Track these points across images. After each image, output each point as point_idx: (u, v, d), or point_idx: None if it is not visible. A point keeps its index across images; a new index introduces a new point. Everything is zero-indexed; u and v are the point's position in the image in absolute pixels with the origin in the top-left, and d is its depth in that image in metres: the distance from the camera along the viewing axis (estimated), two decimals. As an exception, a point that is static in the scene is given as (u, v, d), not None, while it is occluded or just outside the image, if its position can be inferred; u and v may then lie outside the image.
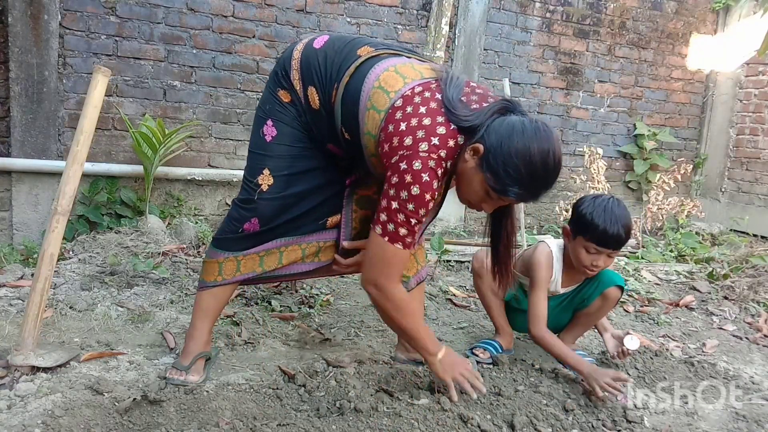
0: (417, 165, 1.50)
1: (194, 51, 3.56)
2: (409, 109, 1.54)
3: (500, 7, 4.35)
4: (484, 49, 4.33)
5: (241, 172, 3.86)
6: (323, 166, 1.82)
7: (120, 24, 3.37)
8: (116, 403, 1.62)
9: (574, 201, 2.14)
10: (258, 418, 1.62)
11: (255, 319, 2.41)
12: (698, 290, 3.29)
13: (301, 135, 1.78)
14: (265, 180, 1.76)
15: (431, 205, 1.56)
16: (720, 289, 3.30)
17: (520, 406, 1.77)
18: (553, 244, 2.15)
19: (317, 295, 2.77)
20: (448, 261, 3.49)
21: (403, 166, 1.51)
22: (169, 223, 3.49)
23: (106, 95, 2.05)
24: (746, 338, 2.69)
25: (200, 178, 3.64)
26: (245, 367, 1.98)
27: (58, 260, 2.03)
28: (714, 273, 3.50)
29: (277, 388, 1.78)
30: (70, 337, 2.10)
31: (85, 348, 2.01)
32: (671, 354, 2.33)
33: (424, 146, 1.50)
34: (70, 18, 3.26)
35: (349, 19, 3.90)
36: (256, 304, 2.60)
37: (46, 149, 3.27)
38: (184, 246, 3.27)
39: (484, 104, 1.58)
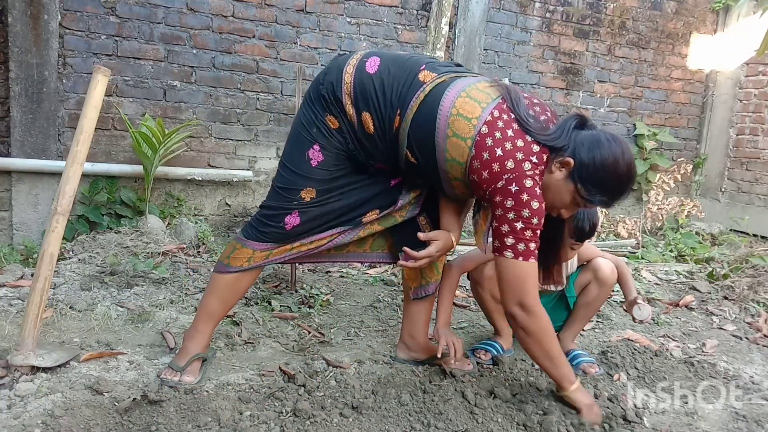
0: (528, 183, 1.59)
1: (194, 51, 3.56)
2: (497, 134, 1.61)
3: (500, 7, 4.35)
4: (484, 49, 4.33)
5: (241, 173, 3.89)
6: (365, 176, 1.85)
7: (120, 24, 3.37)
8: (116, 403, 1.62)
9: None
10: (258, 418, 1.62)
11: (255, 319, 2.41)
12: (698, 290, 3.29)
13: (344, 158, 1.80)
14: (309, 194, 1.78)
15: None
16: (720, 289, 3.29)
17: (521, 406, 1.77)
18: None
19: (317, 295, 2.77)
20: (448, 260, 3.49)
21: (514, 188, 1.58)
22: (169, 223, 3.49)
23: (106, 95, 2.05)
24: (746, 338, 2.69)
25: (200, 178, 3.64)
26: (245, 367, 1.98)
27: (58, 260, 2.03)
28: (714, 273, 3.50)
29: (277, 389, 1.78)
30: (70, 337, 2.10)
31: (85, 348, 2.01)
32: (671, 354, 2.33)
33: (527, 165, 1.59)
34: (70, 18, 3.26)
35: (349, 19, 3.90)
36: (256, 304, 2.60)
37: (46, 149, 3.27)
38: (184, 246, 3.27)
39: (548, 113, 1.69)
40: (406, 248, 1.87)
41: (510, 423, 1.69)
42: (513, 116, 1.63)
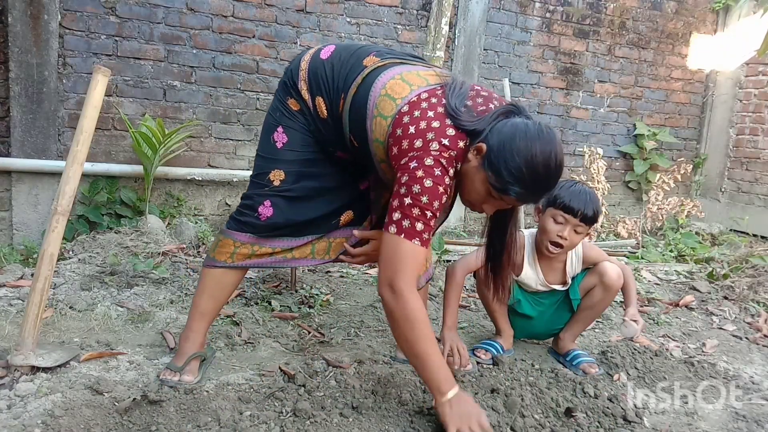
0: (429, 161, 1.52)
1: (194, 51, 3.56)
2: (416, 113, 1.57)
3: (500, 7, 4.35)
4: (484, 49, 4.33)
5: (241, 172, 3.89)
6: (334, 171, 1.85)
7: (120, 24, 3.37)
8: (116, 403, 1.62)
9: None
10: (258, 418, 1.62)
11: (255, 319, 2.41)
12: (698, 290, 3.29)
13: (311, 141, 1.81)
14: (277, 176, 1.79)
15: (444, 198, 1.56)
16: (720, 289, 3.30)
17: (521, 406, 1.77)
18: (527, 233, 2.22)
19: (317, 295, 2.77)
20: (449, 261, 3.49)
21: (413, 164, 1.53)
22: (169, 223, 3.49)
23: (106, 95, 2.05)
24: (746, 338, 2.69)
25: (200, 178, 3.64)
26: (245, 367, 1.98)
27: (58, 260, 2.03)
28: (714, 273, 3.50)
29: (277, 389, 1.78)
30: (70, 337, 2.10)
31: (85, 348, 2.01)
32: (671, 354, 2.34)
33: (434, 146, 1.53)
34: (70, 18, 3.26)
35: (349, 19, 3.90)
36: (256, 304, 2.60)
37: (46, 149, 3.27)
38: (184, 246, 3.27)
39: (491, 105, 1.62)
40: (345, 244, 1.91)
41: (511, 424, 1.69)
42: (443, 102, 1.57)
